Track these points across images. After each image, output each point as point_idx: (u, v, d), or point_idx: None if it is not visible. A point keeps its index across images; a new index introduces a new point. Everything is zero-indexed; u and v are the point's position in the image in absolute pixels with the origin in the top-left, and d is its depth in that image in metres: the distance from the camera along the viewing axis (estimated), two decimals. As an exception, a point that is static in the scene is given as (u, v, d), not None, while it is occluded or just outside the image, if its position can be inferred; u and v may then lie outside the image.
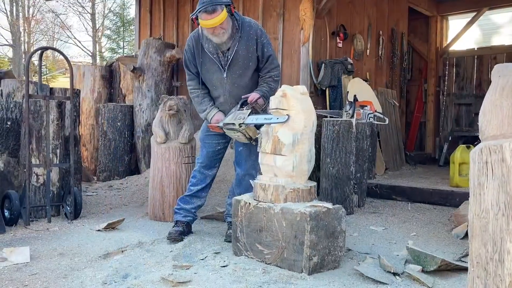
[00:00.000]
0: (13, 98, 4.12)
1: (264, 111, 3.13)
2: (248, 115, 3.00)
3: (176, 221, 3.38)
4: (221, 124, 3.15)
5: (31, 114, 3.86)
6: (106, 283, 2.40)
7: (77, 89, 4.55)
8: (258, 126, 3.04)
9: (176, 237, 3.18)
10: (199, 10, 2.94)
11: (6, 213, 3.65)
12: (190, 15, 3.08)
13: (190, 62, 3.29)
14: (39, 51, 4.09)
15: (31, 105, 3.86)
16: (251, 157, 3.32)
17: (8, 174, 4.04)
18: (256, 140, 3.09)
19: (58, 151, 4.03)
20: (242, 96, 3.16)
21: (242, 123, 2.99)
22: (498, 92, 1.73)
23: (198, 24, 3.03)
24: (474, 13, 7.79)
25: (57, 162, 4.01)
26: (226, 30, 3.02)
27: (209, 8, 2.91)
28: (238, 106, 3.13)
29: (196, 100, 3.34)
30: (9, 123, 4.07)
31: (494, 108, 1.73)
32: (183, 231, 3.28)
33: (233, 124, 3.05)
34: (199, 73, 3.27)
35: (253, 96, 3.11)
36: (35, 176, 3.94)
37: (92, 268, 2.64)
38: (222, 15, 2.93)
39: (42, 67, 4.00)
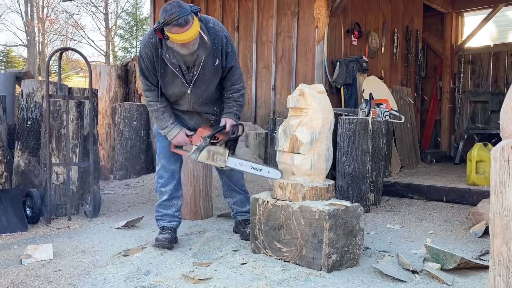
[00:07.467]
0: (33, 98, 4.19)
1: (236, 138, 3.02)
2: (228, 155, 2.90)
3: (162, 227, 3.13)
4: (193, 157, 3.00)
5: (51, 113, 3.93)
6: (128, 280, 2.45)
7: (95, 89, 4.62)
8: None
9: (165, 245, 2.97)
10: (167, 23, 2.56)
11: (28, 211, 3.73)
12: (153, 28, 2.67)
13: (149, 71, 2.92)
14: (58, 52, 4.17)
15: (51, 105, 3.93)
16: None
17: (29, 172, 4.13)
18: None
19: (77, 150, 4.09)
20: (221, 125, 2.96)
21: (225, 166, 2.92)
22: (520, 90, 1.73)
23: (166, 39, 2.64)
24: (490, 10, 7.70)
25: (76, 161, 4.07)
26: (196, 40, 2.70)
27: (181, 20, 2.55)
28: (208, 139, 2.93)
29: (155, 114, 3.05)
30: (29, 122, 4.15)
31: (516, 106, 1.72)
32: (172, 239, 3.04)
33: (212, 165, 2.98)
34: (158, 84, 2.94)
35: (229, 123, 2.95)
36: (55, 175, 4.01)
37: (114, 265, 2.69)
38: (195, 25, 2.60)
39: (58, 67, 4.08)
